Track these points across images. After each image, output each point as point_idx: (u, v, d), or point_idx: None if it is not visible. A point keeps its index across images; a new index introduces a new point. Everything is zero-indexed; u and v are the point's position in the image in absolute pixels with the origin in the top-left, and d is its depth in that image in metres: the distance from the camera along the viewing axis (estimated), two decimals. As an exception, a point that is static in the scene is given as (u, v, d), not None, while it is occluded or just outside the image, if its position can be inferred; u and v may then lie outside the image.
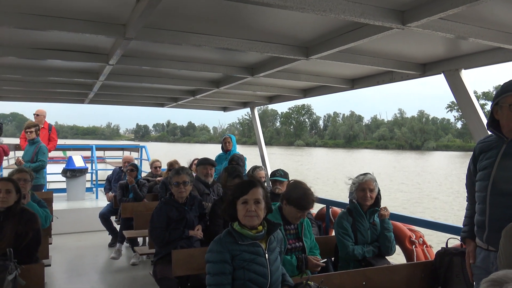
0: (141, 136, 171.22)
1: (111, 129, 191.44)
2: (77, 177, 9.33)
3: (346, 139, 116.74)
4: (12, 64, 4.57)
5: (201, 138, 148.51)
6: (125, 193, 6.63)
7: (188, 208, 4.23)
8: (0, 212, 3.55)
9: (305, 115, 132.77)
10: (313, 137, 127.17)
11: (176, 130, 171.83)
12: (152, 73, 4.98)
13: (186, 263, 3.52)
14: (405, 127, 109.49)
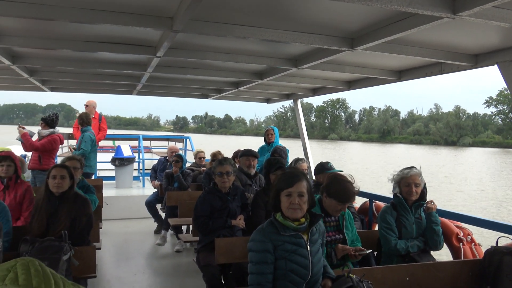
0: (180, 127, 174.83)
1: (151, 120, 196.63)
2: (125, 166, 9.71)
3: (380, 133, 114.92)
4: (66, 57, 4.79)
5: (237, 130, 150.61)
6: (170, 182, 6.84)
7: (231, 198, 4.31)
8: (55, 197, 3.77)
9: (340, 109, 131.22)
10: (347, 131, 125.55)
11: (213, 122, 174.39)
12: (197, 65, 5.07)
13: (228, 252, 3.59)
14: (440, 122, 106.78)
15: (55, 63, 4.89)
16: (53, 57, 4.78)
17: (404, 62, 4.49)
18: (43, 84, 6.46)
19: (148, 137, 15.43)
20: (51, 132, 6.52)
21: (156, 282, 5.07)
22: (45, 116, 6.73)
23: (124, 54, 4.16)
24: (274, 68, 4.93)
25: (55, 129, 6.66)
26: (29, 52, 4.49)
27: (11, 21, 3.29)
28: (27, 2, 2.77)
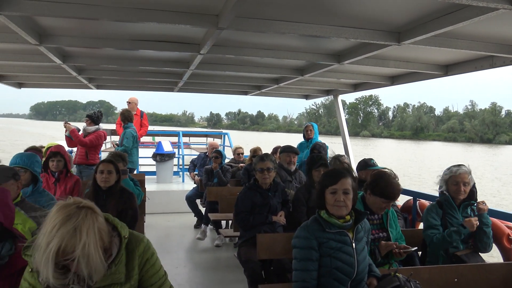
0: (213, 124, 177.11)
1: (186, 116, 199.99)
2: (165, 161, 9.90)
3: (413, 130, 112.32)
4: (111, 55, 4.94)
5: (269, 126, 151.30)
6: (210, 178, 6.92)
7: (271, 194, 4.31)
8: (103, 191, 3.91)
9: (373, 105, 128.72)
10: (379, 128, 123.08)
11: (246, 118, 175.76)
12: (237, 61, 5.10)
13: (270, 247, 3.58)
14: (476, 119, 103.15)
15: (100, 62, 5.08)
16: (98, 56, 4.94)
17: (452, 56, 4.33)
18: (89, 82, 6.70)
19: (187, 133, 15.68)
20: (96, 129, 6.79)
21: (197, 276, 5.16)
22: (90, 113, 6.97)
23: (168, 52, 4.24)
24: (315, 64, 4.88)
25: (99, 125, 6.91)
26: (77, 51, 4.66)
27: (61, 21, 3.43)
28: (75, 3, 2.88)
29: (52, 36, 3.71)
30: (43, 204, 3.55)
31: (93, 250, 1.62)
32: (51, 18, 3.28)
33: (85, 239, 1.61)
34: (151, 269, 1.94)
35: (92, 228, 1.65)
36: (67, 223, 1.60)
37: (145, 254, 1.92)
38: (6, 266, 2.03)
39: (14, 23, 2.95)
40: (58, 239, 1.57)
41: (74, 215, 1.64)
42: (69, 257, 1.58)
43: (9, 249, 2.06)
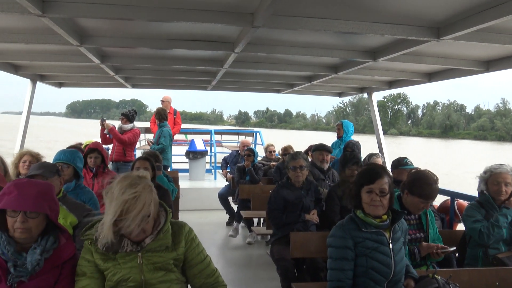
0: (242, 122, 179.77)
1: (215, 114, 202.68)
2: (198, 159, 10.04)
3: (442, 128, 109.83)
4: (146, 55, 5.03)
5: (296, 124, 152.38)
6: (242, 176, 6.96)
7: (304, 193, 4.30)
8: (139, 188, 3.98)
9: (401, 104, 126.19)
10: (407, 126, 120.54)
11: (274, 116, 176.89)
12: (271, 59, 5.09)
13: (303, 246, 3.56)
14: (507, 117, 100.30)
15: (136, 61, 5.18)
16: (134, 56, 5.05)
17: (494, 52, 4.16)
18: (126, 81, 6.86)
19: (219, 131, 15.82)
20: (132, 127, 7.00)
21: (230, 272, 5.19)
22: (125, 112, 7.15)
23: (202, 51, 4.28)
24: (350, 61, 4.82)
25: (134, 123, 7.10)
26: (115, 51, 4.78)
27: (100, 22, 3.53)
28: (114, 4, 2.95)
29: (92, 37, 3.82)
30: (84, 199, 3.67)
31: (147, 212, 1.98)
32: (91, 20, 3.38)
33: (144, 201, 1.96)
34: (196, 248, 2.20)
35: (149, 195, 2.00)
36: (131, 188, 1.96)
37: (190, 234, 2.21)
38: (51, 258, 2.09)
39: (57, 25, 3.06)
40: (122, 200, 1.93)
41: (136, 183, 2.00)
42: (129, 215, 1.92)
43: (53, 242, 2.13)
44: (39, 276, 2.04)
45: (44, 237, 2.11)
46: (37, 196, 2.04)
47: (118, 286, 2.04)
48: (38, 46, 4.28)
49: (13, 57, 4.76)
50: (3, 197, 2.03)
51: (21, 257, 2.03)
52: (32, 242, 2.08)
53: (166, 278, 2.08)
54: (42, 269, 2.05)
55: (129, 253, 2.04)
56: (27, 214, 2.00)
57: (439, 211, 5.01)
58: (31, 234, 2.04)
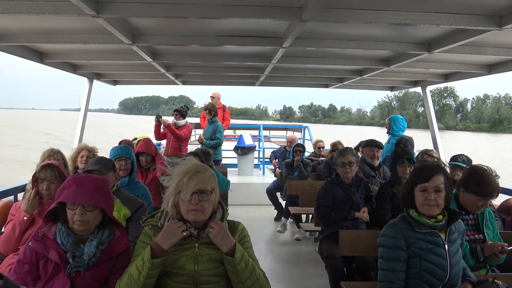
0: (286, 117, 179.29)
1: (260, 110, 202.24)
2: (246, 154, 10.07)
3: (491, 122, 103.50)
4: (196, 52, 5.12)
5: (340, 119, 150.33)
6: (290, 171, 6.91)
7: (354, 190, 4.20)
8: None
9: (448, 97, 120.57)
10: (454, 120, 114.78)
11: (318, 111, 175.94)
12: (320, 53, 5.00)
13: (353, 244, 3.49)
14: None
15: (186, 58, 5.27)
16: (185, 53, 5.15)
17: None
18: (176, 78, 7.02)
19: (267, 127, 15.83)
20: (186, 122, 7.16)
21: (278, 268, 5.19)
22: (178, 108, 7.30)
23: (250, 46, 4.29)
24: (403, 53, 4.63)
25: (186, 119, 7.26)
26: (166, 49, 4.90)
27: (152, 21, 3.63)
28: (165, 3, 3.02)
29: (144, 35, 3.94)
30: (137, 194, 3.80)
31: (207, 187, 2.05)
32: (143, 19, 3.48)
33: (205, 176, 2.06)
34: (247, 244, 2.23)
35: (211, 176, 2.11)
36: (194, 166, 2.10)
37: (244, 231, 2.26)
38: (106, 250, 2.18)
39: (111, 24, 3.18)
40: (183, 171, 2.06)
41: (200, 164, 2.15)
42: (189, 185, 2.02)
43: (108, 235, 2.22)
44: (95, 267, 2.13)
45: (100, 230, 2.21)
46: (93, 191, 2.13)
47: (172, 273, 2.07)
48: (94, 46, 4.47)
49: (72, 57, 5.00)
50: (63, 191, 2.14)
51: (79, 248, 2.13)
52: (89, 235, 2.18)
53: (218, 271, 2.09)
54: (98, 260, 2.14)
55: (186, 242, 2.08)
56: (85, 208, 2.10)
57: (500, 211, 4.71)
58: (89, 226, 2.14)
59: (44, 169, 3.08)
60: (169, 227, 2.04)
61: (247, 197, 8.69)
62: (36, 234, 2.20)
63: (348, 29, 3.83)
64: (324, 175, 6.40)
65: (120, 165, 3.83)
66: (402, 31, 3.86)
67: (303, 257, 5.67)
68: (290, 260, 5.50)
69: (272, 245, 6.23)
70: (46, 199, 3.02)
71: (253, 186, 9.00)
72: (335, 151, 6.30)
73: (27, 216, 2.94)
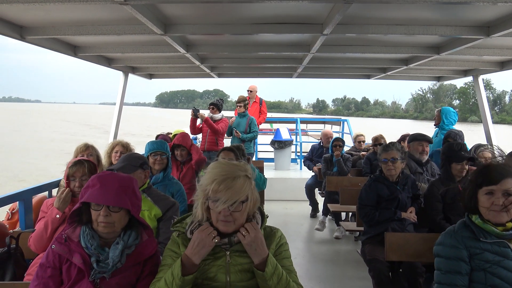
0: (319, 110, 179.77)
1: (293, 103, 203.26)
2: (283, 149, 9.87)
3: None
4: (230, 42, 4.90)
5: (373, 112, 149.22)
6: (329, 167, 6.63)
7: (400, 188, 3.88)
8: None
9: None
10: None
11: (351, 104, 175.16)
12: (361, 41, 4.68)
13: (400, 248, 3.23)
14: None
15: (221, 49, 5.07)
16: (219, 44, 4.95)
17: None
18: (211, 71, 6.86)
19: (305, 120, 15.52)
20: (222, 116, 7.06)
21: (316, 268, 4.96)
22: (214, 101, 7.18)
23: (288, 34, 4.02)
24: (456, 39, 4.21)
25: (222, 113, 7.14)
26: (199, 40, 4.72)
27: (183, 9, 3.45)
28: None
29: (176, 25, 3.77)
30: (172, 191, 3.71)
31: (241, 196, 1.81)
32: (174, 7, 3.31)
33: (240, 183, 1.81)
34: (284, 253, 2.00)
35: (247, 182, 1.86)
36: (228, 169, 1.86)
37: (282, 239, 2.02)
38: (132, 255, 2.02)
39: (140, 13, 3.01)
40: (216, 176, 1.82)
41: (235, 166, 1.89)
42: (221, 194, 1.78)
43: (135, 238, 2.07)
44: (120, 273, 1.98)
45: (127, 232, 2.05)
46: (118, 190, 1.98)
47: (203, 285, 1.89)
48: (126, 37, 4.36)
49: (105, 50, 4.92)
50: (87, 190, 2.00)
51: (104, 252, 1.99)
52: (115, 237, 2.03)
53: (251, 283, 1.89)
54: (124, 265, 1.99)
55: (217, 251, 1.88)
56: (110, 208, 1.96)
57: None
58: (114, 229, 1.99)
59: (76, 165, 3.00)
60: (199, 236, 1.83)
61: (283, 192, 8.49)
62: (60, 236, 2.06)
63: (394, 11, 3.49)
64: (365, 171, 6.11)
65: (155, 160, 3.81)
66: (456, 12, 3.47)
67: (343, 256, 5.40)
68: (329, 260, 5.25)
69: (310, 243, 5.99)
70: (78, 196, 2.92)
71: (290, 181, 8.77)
72: (377, 145, 6.00)
73: (60, 214, 2.85)
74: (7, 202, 3.66)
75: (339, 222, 6.08)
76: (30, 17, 3.48)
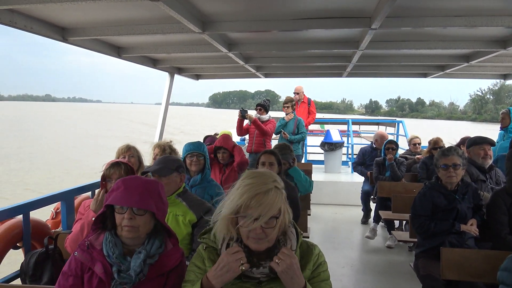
0: (371, 111, 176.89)
1: (345, 104, 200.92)
2: (334, 151, 9.57)
3: None
4: (274, 40, 4.69)
5: (428, 113, 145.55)
6: (381, 171, 6.25)
7: (459, 197, 3.49)
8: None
9: None
10: None
11: (405, 105, 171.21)
12: (415, 35, 4.30)
13: (458, 266, 2.92)
14: None
15: (265, 48, 4.86)
16: (263, 42, 4.76)
17: None
18: (257, 71, 6.70)
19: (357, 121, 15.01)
20: (269, 117, 6.92)
21: (366, 280, 4.64)
22: (261, 102, 7.03)
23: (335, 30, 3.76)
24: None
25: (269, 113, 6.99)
26: (242, 39, 4.57)
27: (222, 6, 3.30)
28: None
29: (214, 22, 3.62)
30: (211, 194, 3.61)
31: (273, 213, 1.63)
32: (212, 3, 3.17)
33: (272, 199, 1.62)
34: (322, 274, 1.81)
35: (279, 196, 1.66)
36: (258, 182, 1.65)
37: (320, 257, 1.83)
38: (156, 265, 1.90)
39: (174, 10, 2.89)
40: (245, 192, 1.62)
41: (266, 177, 1.69)
42: (251, 211, 1.61)
43: (158, 247, 1.94)
44: (143, 285, 1.85)
45: (150, 241, 1.93)
46: (143, 193, 1.88)
47: None
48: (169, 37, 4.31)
49: (148, 51, 4.89)
50: (112, 193, 1.91)
51: (125, 262, 1.88)
52: (139, 245, 1.91)
53: None
54: (147, 277, 1.86)
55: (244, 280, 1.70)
56: (134, 211, 1.85)
57: None
58: (139, 233, 1.88)
59: (113, 167, 2.97)
60: (224, 259, 1.65)
61: (333, 196, 8.19)
62: (83, 243, 1.97)
63: (452, 1, 3.13)
64: (420, 176, 5.69)
65: (191, 161, 3.77)
66: None
67: (396, 268, 5.03)
68: (380, 271, 4.91)
69: (360, 252, 5.66)
70: None
71: (341, 184, 8.43)
72: (435, 149, 5.57)
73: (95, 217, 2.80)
74: (50, 202, 3.70)
75: (392, 232, 5.70)
76: (69, 18, 3.48)
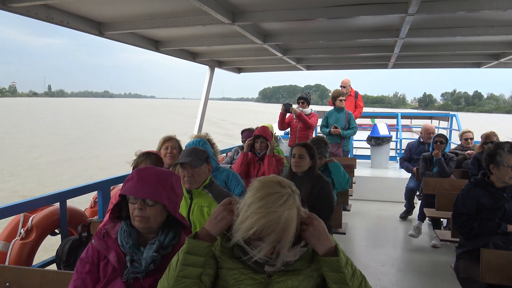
0: (425, 105, 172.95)
1: (397, 98, 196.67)
2: (381, 145, 9.26)
3: None
4: (315, 29, 4.52)
5: (486, 107, 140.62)
6: (428, 167, 5.93)
7: (507, 196, 3.22)
8: (298, 176, 3.66)
9: None
10: None
11: (461, 99, 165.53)
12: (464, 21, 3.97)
13: (501, 269, 2.68)
14: None
15: (305, 38, 4.68)
16: (298, 32, 4.62)
17: None
18: (297, 63, 6.56)
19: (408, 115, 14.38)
20: (311, 110, 6.87)
21: (406, 279, 4.43)
22: (303, 95, 6.92)
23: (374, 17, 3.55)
24: None
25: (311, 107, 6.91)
26: (276, 29, 4.46)
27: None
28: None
29: (245, 13, 3.55)
30: (223, 179, 3.61)
31: (289, 236, 1.51)
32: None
33: (286, 223, 1.49)
34: None
35: (292, 211, 1.53)
36: (270, 203, 1.50)
37: None
38: (169, 257, 1.89)
39: (201, 1, 2.86)
40: (257, 219, 1.49)
41: (278, 194, 1.53)
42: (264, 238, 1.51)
43: (172, 238, 1.94)
44: (155, 275, 1.85)
45: (164, 232, 1.93)
46: (155, 184, 1.88)
47: None
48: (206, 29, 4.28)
49: (186, 43, 4.87)
50: (126, 183, 1.93)
51: (139, 252, 1.90)
52: (154, 236, 1.93)
53: None
54: (159, 267, 1.87)
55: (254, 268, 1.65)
56: (145, 202, 1.86)
57: None
58: (149, 224, 1.89)
59: (142, 156, 3.05)
60: (218, 209, 1.64)
61: (379, 192, 7.92)
62: (99, 231, 2.02)
63: None
64: (471, 173, 5.36)
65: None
66: None
67: (440, 269, 4.76)
68: (422, 271, 4.67)
69: (402, 250, 5.41)
70: None
71: (387, 180, 8.12)
72: (487, 143, 5.22)
73: None
74: (86, 191, 3.84)
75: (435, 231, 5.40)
76: (104, 12, 3.54)
